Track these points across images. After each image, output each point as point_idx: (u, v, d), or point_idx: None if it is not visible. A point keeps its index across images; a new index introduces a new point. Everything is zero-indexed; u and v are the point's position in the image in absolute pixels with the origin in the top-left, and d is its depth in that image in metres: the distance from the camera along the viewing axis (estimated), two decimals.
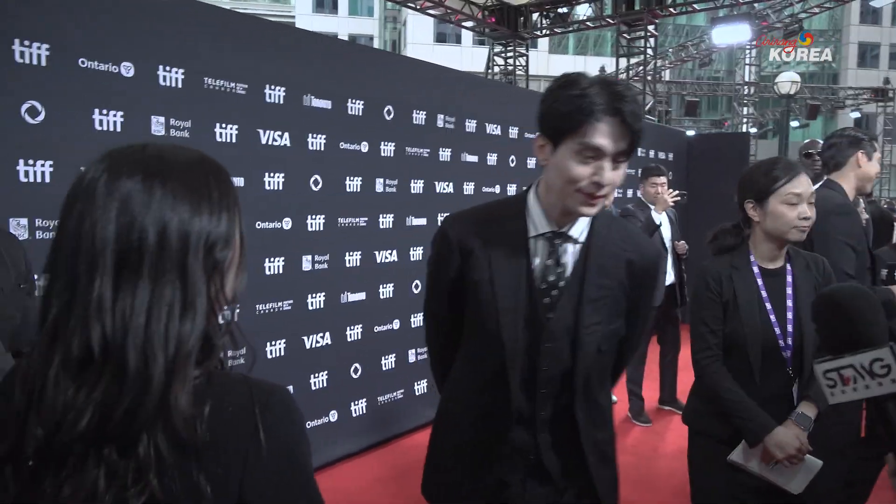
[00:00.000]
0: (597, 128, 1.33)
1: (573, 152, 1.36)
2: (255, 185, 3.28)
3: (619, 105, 1.32)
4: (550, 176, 1.44)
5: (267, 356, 3.40)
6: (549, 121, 1.40)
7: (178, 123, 2.95)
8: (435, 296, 1.68)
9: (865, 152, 2.86)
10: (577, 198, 1.40)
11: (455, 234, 1.54)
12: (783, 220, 2.02)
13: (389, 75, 4.09)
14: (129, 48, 2.77)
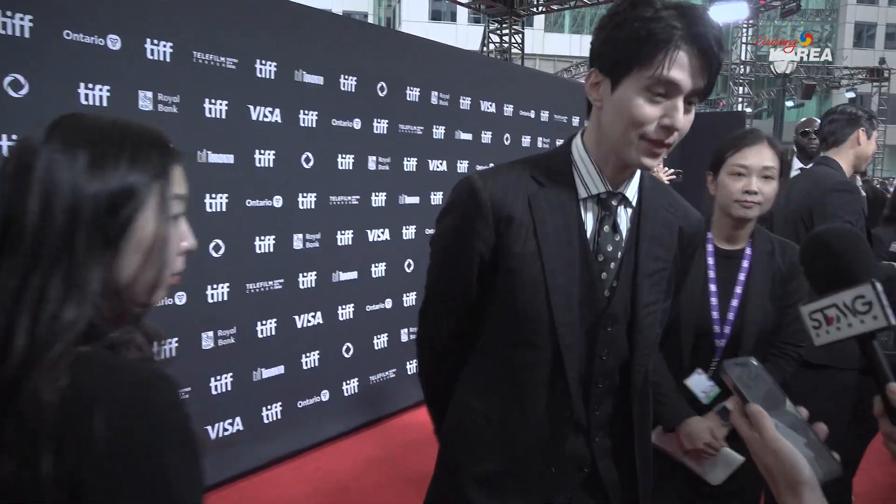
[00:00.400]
0: (673, 58, 1.09)
1: (641, 88, 1.12)
2: (246, 162, 3.23)
3: (702, 30, 1.10)
4: (606, 120, 1.19)
5: (258, 336, 3.37)
6: (611, 50, 1.14)
7: (167, 98, 2.89)
8: (451, 282, 1.32)
9: (865, 130, 2.83)
10: (639, 146, 1.16)
11: (490, 193, 1.22)
12: (725, 192, 1.88)
13: (383, 51, 4.02)
14: (116, 20, 2.70)
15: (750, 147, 1.86)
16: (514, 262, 1.23)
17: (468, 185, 1.25)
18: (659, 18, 1.09)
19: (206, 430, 3.14)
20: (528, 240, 1.22)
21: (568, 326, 1.23)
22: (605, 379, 1.29)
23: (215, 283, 3.14)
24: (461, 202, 1.26)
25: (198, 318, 3.08)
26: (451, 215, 1.30)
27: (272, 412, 3.47)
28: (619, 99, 1.14)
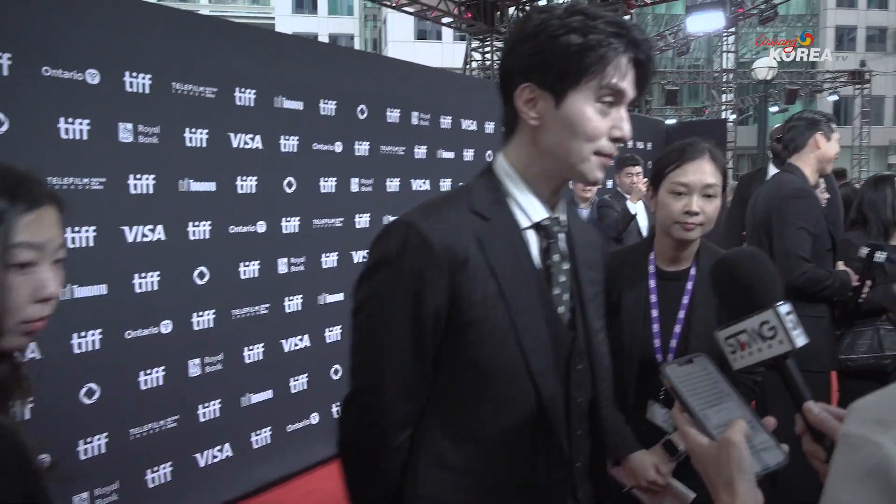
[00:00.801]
0: (620, 66, 1.06)
1: (591, 100, 1.06)
2: (228, 189, 3.27)
3: (640, 38, 1.08)
4: (552, 138, 1.09)
5: (245, 361, 3.38)
6: (551, 63, 1.05)
7: (147, 129, 2.92)
8: (404, 359, 1.07)
9: (824, 133, 2.89)
10: (593, 161, 1.09)
11: (439, 237, 1.04)
12: (665, 212, 1.72)
13: (361, 74, 4.07)
14: (94, 55, 2.74)
15: (691, 162, 1.70)
16: (476, 310, 1.07)
17: (411, 231, 1.05)
18: (595, 27, 1.04)
19: (195, 458, 3.15)
20: (487, 283, 1.07)
21: (545, 374, 1.10)
22: (581, 424, 1.19)
23: (201, 310, 3.16)
24: (404, 252, 1.04)
25: (184, 346, 3.09)
26: (388, 271, 1.06)
27: (262, 437, 3.48)
28: (567, 114, 1.06)
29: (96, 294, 2.73)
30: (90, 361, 2.71)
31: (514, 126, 1.15)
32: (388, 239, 1.08)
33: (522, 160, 1.15)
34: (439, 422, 1.12)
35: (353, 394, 1.12)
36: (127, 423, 2.86)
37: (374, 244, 1.11)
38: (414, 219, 1.07)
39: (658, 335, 1.73)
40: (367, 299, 1.10)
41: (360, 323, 1.11)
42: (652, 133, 8.09)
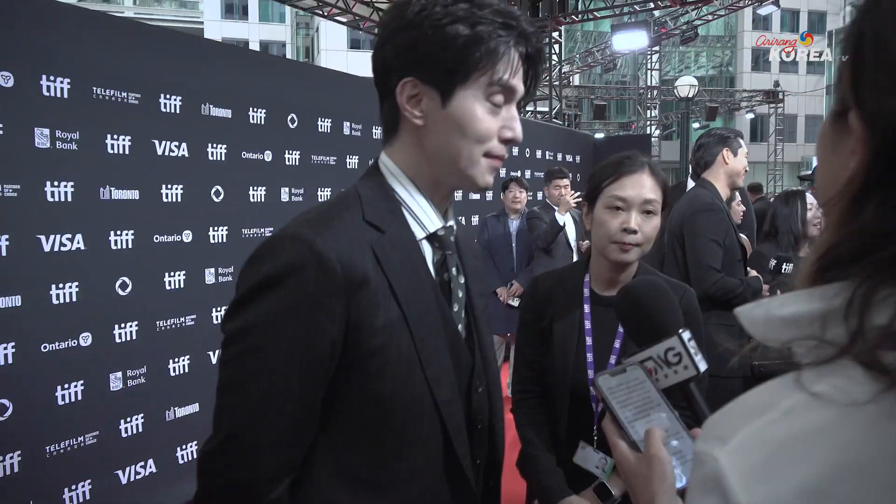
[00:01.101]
0: (513, 61, 0.97)
1: (481, 98, 0.97)
2: (152, 197, 3.18)
3: (531, 30, 0.99)
4: (438, 140, 0.98)
5: (170, 374, 3.29)
6: (436, 56, 0.94)
7: (65, 135, 2.82)
8: (292, 399, 0.90)
9: (730, 149, 3.05)
10: (484, 165, 1.00)
11: (337, 253, 0.90)
12: (601, 231, 1.56)
13: (292, 83, 4.04)
14: (7, 58, 2.63)
15: (629, 176, 1.56)
16: (378, 338, 0.93)
17: (302, 247, 0.89)
18: (483, 18, 0.94)
19: (117, 475, 3.04)
20: (388, 306, 0.94)
21: (450, 404, 1.00)
22: (482, 451, 1.10)
23: (123, 321, 3.06)
24: (294, 273, 0.88)
25: (105, 359, 2.98)
26: (273, 295, 0.88)
27: (187, 452, 3.39)
28: (454, 113, 0.96)
29: (9, 305, 2.62)
30: (2, 376, 2.59)
31: (397, 125, 1.02)
32: (272, 257, 0.89)
33: (411, 163, 1.03)
34: (329, 467, 0.96)
35: (221, 442, 0.90)
36: (42, 439, 2.74)
37: (254, 263, 0.92)
38: (304, 233, 0.90)
39: (592, 366, 1.57)
40: (245, 329, 0.89)
41: (233, 356, 0.91)
42: (580, 147, 8.31)
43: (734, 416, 0.45)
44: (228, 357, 0.92)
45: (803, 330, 0.44)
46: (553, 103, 13.32)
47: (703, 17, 17.63)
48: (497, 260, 5.19)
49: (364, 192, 1.01)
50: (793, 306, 0.46)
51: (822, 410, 0.40)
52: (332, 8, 11.91)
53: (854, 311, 0.41)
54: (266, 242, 0.93)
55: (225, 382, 0.92)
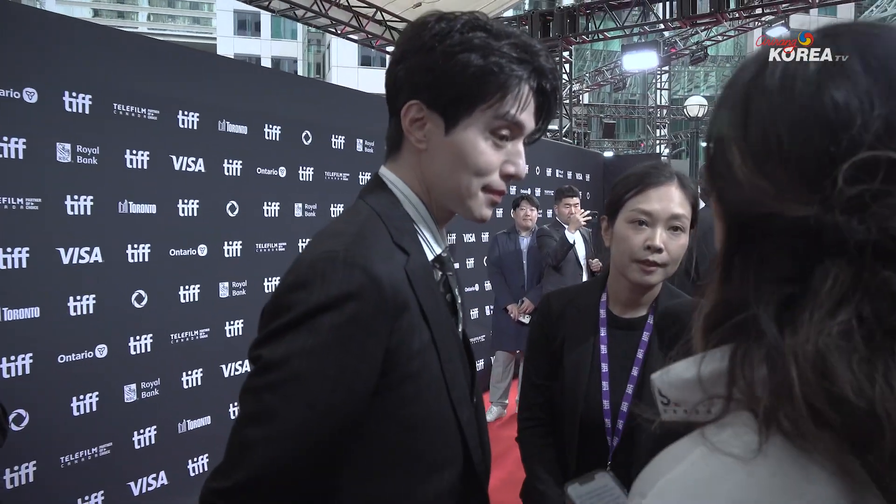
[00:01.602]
0: (523, 96, 0.95)
1: (485, 131, 0.95)
2: (168, 211, 3.23)
3: (548, 66, 0.97)
4: (438, 167, 0.97)
5: (183, 386, 3.32)
6: (444, 83, 0.92)
7: (86, 150, 2.88)
8: (321, 431, 0.85)
9: None
10: (480, 198, 0.98)
11: (388, 277, 0.88)
12: (622, 247, 1.42)
13: (307, 100, 4.10)
14: (32, 73, 2.70)
15: (656, 188, 1.40)
16: (415, 363, 0.92)
17: (360, 272, 0.85)
18: (498, 49, 0.93)
19: (129, 487, 3.06)
20: (422, 329, 0.93)
21: (470, 425, 1.00)
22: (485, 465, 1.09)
23: (138, 334, 3.10)
24: (353, 298, 0.84)
25: (120, 371, 3.02)
26: (328, 321, 0.83)
27: (199, 464, 3.41)
28: (457, 143, 0.95)
29: (28, 317, 2.66)
30: (20, 386, 2.62)
31: (400, 144, 1.02)
32: (323, 282, 0.84)
33: (415, 183, 1.01)
34: (356, 494, 0.93)
35: (243, 482, 0.83)
36: (57, 450, 2.77)
37: (299, 288, 0.85)
38: (357, 256, 0.86)
39: (608, 395, 1.43)
40: (287, 358, 0.83)
41: (269, 385, 0.83)
42: (590, 165, 8.35)
43: (652, 472, 0.50)
44: (262, 385, 0.84)
45: (704, 391, 0.49)
46: (562, 122, 13.39)
47: (713, 37, 17.74)
48: (508, 277, 5.22)
49: (385, 213, 0.98)
50: (693, 369, 0.50)
51: (720, 458, 0.45)
52: (346, 26, 12.05)
53: (734, 371, 0.47)
54: (311, 266, 0.86)
55: (254, 413, 0.84)
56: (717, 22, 13.29)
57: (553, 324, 1.53)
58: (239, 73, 3.75)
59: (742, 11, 12.44)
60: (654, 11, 12.86)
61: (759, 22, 16.30)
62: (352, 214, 0.98)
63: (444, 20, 0.95)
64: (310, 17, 11.75)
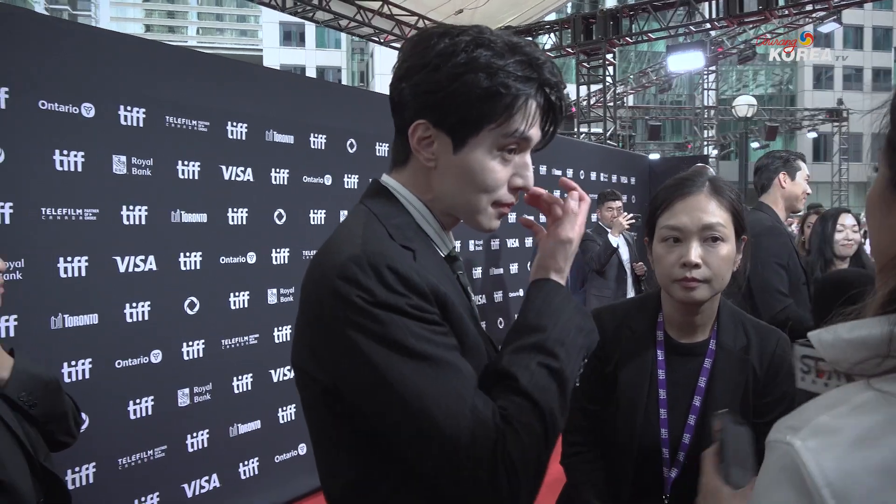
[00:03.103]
0: (530, 112, 0.95)
1: (493, 148, 0.95)
2: (219, 220, 3.32)
3: (554, 79, 0.97)
4: (447, 184, 0.98)
5: (234, 391, 3.40)
6: (451, 104, 0.92)
7: (140, 162, 2.98)
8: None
9: (788, 173, 2.99)
10: (490, 212, 0.99)
11: (421, 274, 0.90)
12: (660, 269, 1.35)
13: (351, 109, 4.16)
14: (89, 89, 2.81)
15: (683, 200, 1.33)
16: (470, 339, 0.95)
17: (386, 271, 0.87)
18: (504, 68, 0.92)
19: (183, 489, 3.14)
20: (466, 324, 0.95)
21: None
22: None
23: (191, 339, 3.18)
24: (411, 296, 0.88)
25: (174, 376, 3.11)
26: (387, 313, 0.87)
27: (249, 468, 3.48)
28: (465, 162, 0.95)
29: (87, 323, 2.76)
30: (80, 391, 2.72)
31: (406, 158, 1.02)
32: (363, 286, 0.87)
33: (423, 191, 1.02)
34: (414, 496, 0.93)
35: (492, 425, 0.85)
36: (115, 452, 2.86)
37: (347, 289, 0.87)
38: (381, 255, 0.89)
39: (666, 423, 1.34)
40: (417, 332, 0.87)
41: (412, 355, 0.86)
42: (635, 168, 8.25)
43: (806, 411, 0.51)
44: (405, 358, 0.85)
45: (871, 350, 0.49)
46: (607, 125, 13.26)
47: (762, 35, 17.35)
48: None
49: (380, 213, 0.98)
50: (862, 330, 0.51)
51: (892, 407, 0.46)
52: (388, 34, 12.18)
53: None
54: (341, 273, 0.88)
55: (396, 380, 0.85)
56: (765, 20, 13.00)
57: (606, 345, 1.41)
58: (285, 84, 3.83)
59: (791, 8, 12.15)
60: (700, 11, 12.65)
61: (809, 18, 15.89)
62: (351, 217, 1.01)
63: (447, 36, 0.94)
64: (353, 26, 11.92)
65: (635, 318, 1.45)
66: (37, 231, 2.60)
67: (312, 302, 0.93)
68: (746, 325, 1.40)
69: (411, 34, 12.69)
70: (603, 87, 13.81)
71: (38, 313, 2.61)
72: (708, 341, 1.38)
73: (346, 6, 11.28)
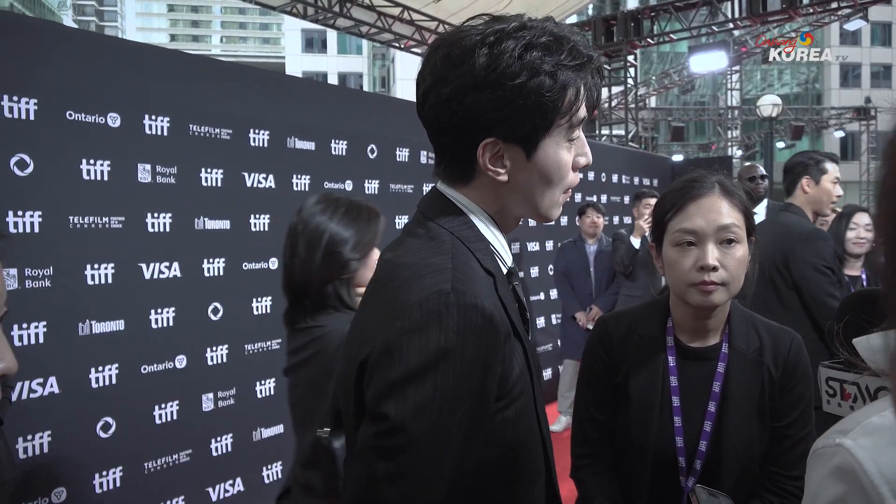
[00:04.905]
0: (586, 99, 0.95)
1: (564, 141, 0.94)
2: (241, 227, 3.36)
3: (601, 64, 0.97)
4: (522, 189, 0.95)
5: (257, 395, 3.43)
6: (524, 113, 0.89)
7: (164, 170, 3.03)
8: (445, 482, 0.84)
9: (811, 177, 2.92)
10: (561, 202, 1.00)
11: (497, 312, 0.86)
12: (675, 275, 1.31)
13: (371, 115, 4.19)
14: (116, 100, 2.86)
15: (696, 202, 1.30)
16: (517, 387, 0.90)
17: (475, 311, 0.83)
18: (562, 63, 0.90)
19: (208, 493, 3.18)
20: (518, 350, 0.91)
21: (548, 437, 0.99)
22: None
23: (214, 345, 3.22)
24: (470, 340, 0.82)
25: (198, 381, 3.15)
26: (450, 368, 0.81)
27: (272, 472, 3.51)
28: (541, 164, 0.93)
29: (114, 329, 2.81)
30: (107, 396, 2.77)
31: (472, 176, 0.97)
32: (440, 325, 0.81)
33: (490, 204, 0.98)
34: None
35: None
36: (142, 456, 2.90)
37: (415, 333, 0.82)
38: (468, 293, 0.84)
39: (681, 431, 1.31)
40: (419, 415, 0.80)
41: (404, 445, 0.81)
42: (658, 170, 8.19)
43: (853, 418, 0.50)
44: (396, 445, 0.80)
45: None
46: (629, 126, 13.18)
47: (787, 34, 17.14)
48: (575, 285, 5.19)
49: (465, 237, 0.95)
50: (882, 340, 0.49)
51: None
52: (409, 40, 12.23)
53: None
54: (421, 307, 0.83)
55: (391, 473, 0.81)
56: (789, 18, 12.84)
57: (614, 353, 1.40)
58: (306, 91, 3.86)
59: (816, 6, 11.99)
60: (723, 11, 12.53)
61: (834, 16, 15.66)
62: (437, 243, 0.93)
63: (487, 45, 0.88)
64: (374, 32, 11.99)
65: (643, 323, 1.42)
66: (65, 239, 2.65)
67: None
68: (758, 326, 1.37)
69: (432, 39, 12.74)
70: (625, 88, 13.73)
71: (67, 320, 2.66)
72: (720, 345, 1.35)
73: (367, 13, 11.34)
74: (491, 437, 0.88)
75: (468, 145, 0.92)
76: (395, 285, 0.89)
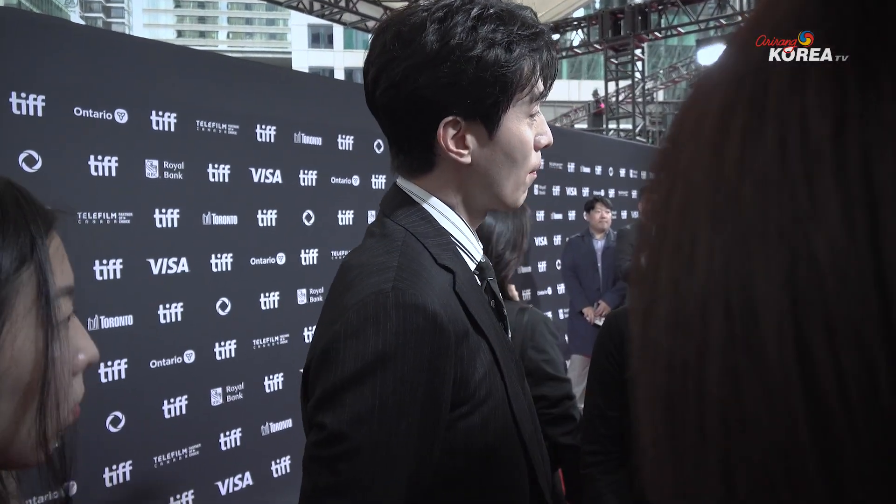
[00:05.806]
0: (544, 70, 0.92)
1: (525, 115, 0.91)
2: (249, 222, 3.37)
3: (550, 37, 0.93)
4: (486, 171, 0.91)
5: (265, 390, 3.45)
6: (482, 86, 0.85)
7: (172, 165, 3.04)
8: (400, 488, 0.79)
9: None
10: (526, 182, 0.96)
11: (445, 310, 0.81)
12: None
13: None
14: (123, 96, 2.87)
15: None
16: (481, 390, 0.85)
17: (416, 311, 0.78)
18: (518, 35, 0.87)
19: (217, 486, 3.20)
20: (483, 349, 0.86)
21: (532, 439, 0.93)
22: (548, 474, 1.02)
23: (223, 340, 3.24)
24: (410, 342, 0.77)
25: (206, 375, 3.16)
26: (390, 373, 0.76)
27: (281, 466, 3.52)
28: (503, 141, 0.89)
29: (122, 325, 2.82)
30: (116, 390, 2.79)
31: (431, 164, 0.92)
32: (377, 327, 0.76)
33: (453, 194, 0.94)
34: None
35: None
36: (151, 450, 2.92)
37: (350, 337, 0.77)
38: (409, 292, 0.79)
39: None
40: (357, 424, 0.75)
41: (340, 455, 0.75)
42: None
43: None
44: (334, 455, 0.75)
45: None
46: (637, 121, 13.14)
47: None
48: (583, 280, 5.18)
49: (419, 232, 0.90)
50: None
51: None
52: None
53: None
54: (359, 310, 0.78)
55: (331, 485, 0.75)
56: None
57: (623, 349, 1.37)
58: (312, 87, 3.87)
59: None
60: (731, 4, 12.46)
61: None
62: (388, 241, 0.89)
63: (435, 21, 0.85)
64: None
65: None
66: (73, 235, 2.66)
67: None
68: None
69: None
70: (632, 82, 13.69)
71: (76, 315, 2.67)
72: None
73: (373, 7, 11.35)
74: (454, 447, 0.83)
75: (426, 129, 0.88)
76: (342, 287, 0.85)
